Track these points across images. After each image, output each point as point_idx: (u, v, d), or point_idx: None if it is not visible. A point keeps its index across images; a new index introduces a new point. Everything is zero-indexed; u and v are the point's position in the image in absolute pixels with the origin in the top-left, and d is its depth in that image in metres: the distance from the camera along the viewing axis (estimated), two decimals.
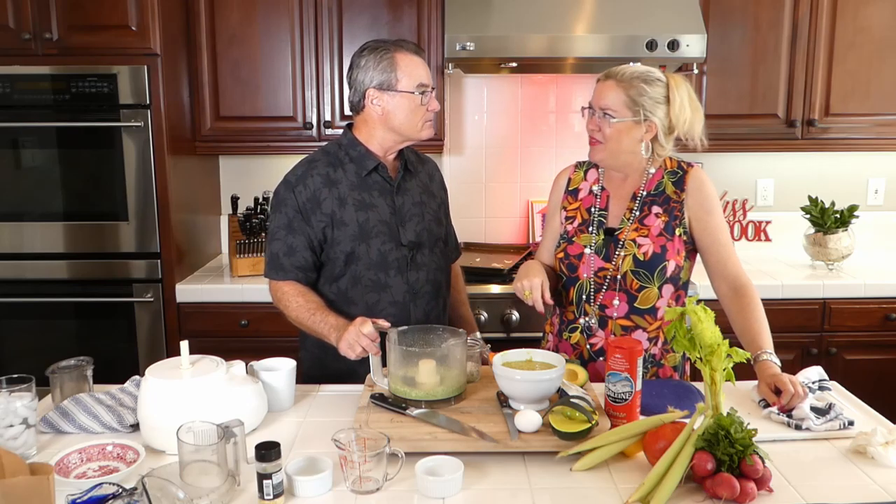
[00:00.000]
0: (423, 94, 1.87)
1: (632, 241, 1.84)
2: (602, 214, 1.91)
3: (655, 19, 2.84)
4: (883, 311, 2.90)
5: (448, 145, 3.34)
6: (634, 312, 1.85)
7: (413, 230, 1.97)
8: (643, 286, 1.84)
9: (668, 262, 1.83)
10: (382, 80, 1.86)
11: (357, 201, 1.92)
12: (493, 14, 2.86)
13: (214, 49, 2.99)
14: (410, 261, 1.96)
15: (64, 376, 1.68)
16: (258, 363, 1.73)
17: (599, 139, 1.84)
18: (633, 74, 1.80)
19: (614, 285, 1.86)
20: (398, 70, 1.86)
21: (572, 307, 1.92)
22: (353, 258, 1.92)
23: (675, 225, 1.84)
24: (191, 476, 1.26)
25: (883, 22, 3.00)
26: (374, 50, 1.87)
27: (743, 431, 1.29)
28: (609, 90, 1.81)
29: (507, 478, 1.37)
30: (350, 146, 1.95)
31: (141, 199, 2.78)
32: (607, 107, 1.80)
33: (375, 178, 1.95)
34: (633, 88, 1.79)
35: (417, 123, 1.90)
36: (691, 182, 1.86)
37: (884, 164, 3.44)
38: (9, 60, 2.70)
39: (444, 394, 1.59)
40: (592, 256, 1.87)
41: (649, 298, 1.85)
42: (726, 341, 1.36)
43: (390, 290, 1.94)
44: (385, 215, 1.94)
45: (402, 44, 1.89)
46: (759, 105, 3.06)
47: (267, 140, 3.06)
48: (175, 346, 1.89)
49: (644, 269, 1.83)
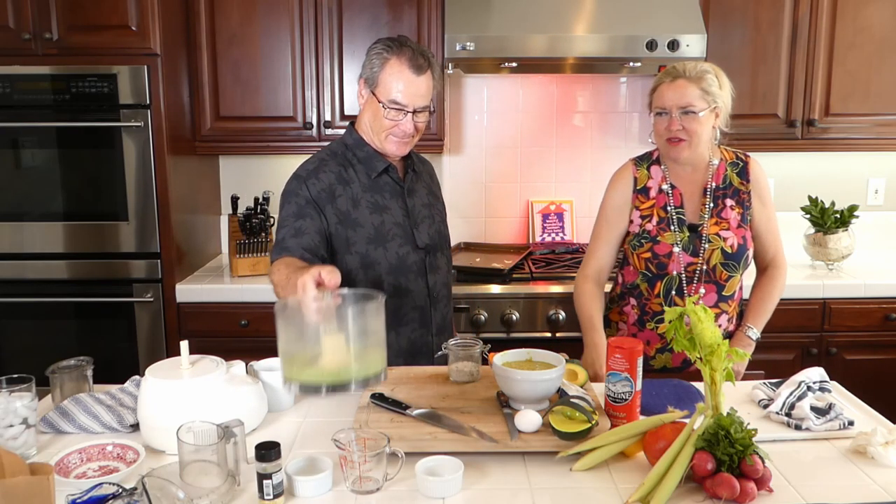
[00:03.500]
0: (390, 111, 1.79)
1: (715, 234, 1.98)
2: (679, 212, 2.01)
3: (655, 19, 2.84)
4: (883, 311, 2.89)
5: (448, 145, 3.34)
6: (722, 300, 2.01)
7: (426, 232, 1.94)
8: (731, 275, 1.99)
9: (749, 250, 2.00)
10: (368, 76, 1.83)
11: (371, 203, 1.87)
12: (493, 14, 2.86)
13: (214, 49, 2.98)
14: (428, 264, 1.93)
15: (64, 376, 1.68)
16: (258, 363, 1.73)
17: (684, 137, 1.94)
18: (696, 69, 1.94)
19: (704, 277, 2.00)
20: (382, 73, 1.80)
21: (658, 300, 2.02)
22: (371, 262, 1.86)
23: (747, 215, 2.02)
24: (191, 476, 1.26)
25: (883, 22, 3.00)
26: (385, 45, 1.83)
27: (743, 431, 1.29)
28: (685, 88, 1.92)
29: (507, 478, 1.37)
30: (356, 146, 1.90)
31: (141, 199, 2.78)
32: (689, 104, 1.92)
33: (386, 180, 1.91)
34: (703, 81, 1.93)
35: (380, 134, 1.84)
36: (754, 172, 2.04)
37: (884, 164, 3.44)
38: (9, 60, 2.70)
39: (360, 373, 1.35)
40: (681, 254, 1.98)
41: (733, 286, 2.02)
42: (726, 341, 1.36)
43: (412, 294, 1.90)
44: (399, 217, 1.90)
45: (407, 52, 1.80)
46: (759, 105, 3.06)
47: (267, 140, 3.06)
48: (175, 346, 1.89)
49: (732, 260, 1.98)
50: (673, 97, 1.93)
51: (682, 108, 1.92)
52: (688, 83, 1.93)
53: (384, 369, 1.40)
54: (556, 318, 2.82)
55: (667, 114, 1.95)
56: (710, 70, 1.96)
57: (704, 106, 1.93)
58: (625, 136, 3.38)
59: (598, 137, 3.39)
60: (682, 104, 1.92)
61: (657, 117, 1.98)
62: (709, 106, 1.93)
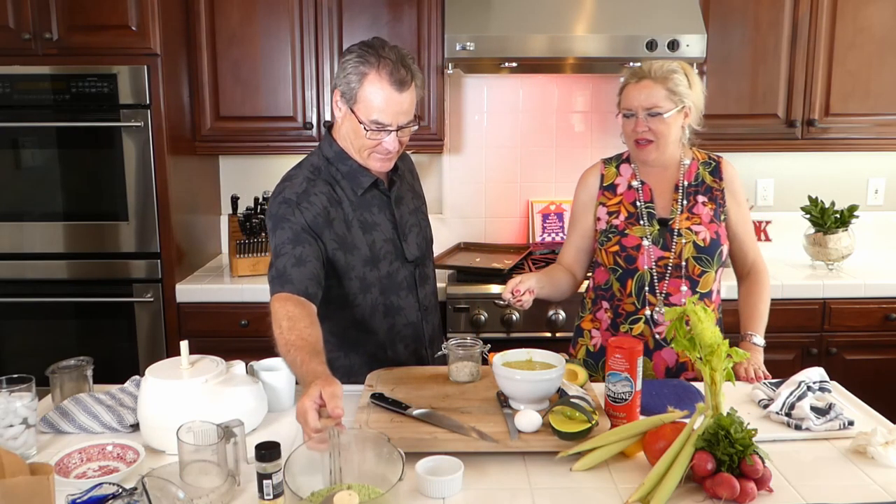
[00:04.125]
0: (371, 131, 1.67)
1: (687, 229, 1.93)
2: (650, 206, 1.97)
3: (655, 19, 2.84)
4: (883, 311, 2.89)
5: (448, 145, 3.34)
6: (701, 296, 1.94)
7: (415, 243, 1.87)
8: (704, 271, 1.93)
9: (723, 246, 1.94)
10: (345, 91, 1.68)
11: (361, 222, 1.78)
12: (493, 14, 2.86)
13: (214, 49, 2.99)
14: (418, 277, 1.88)
15: (64, 376, 1.68)
16: (258, 363, 1.73)
17: (651, 138, 1.91)
18: (662, 68, 1.89)
19: (677, 273, 1.92)
20: (361, 90, 1.65)
21: (631, 299, 1.95)
22: (368, 285, 1.79)
23: (720, 212, 1.97)
24: (191, 476, 1.26)
25: (883, 22, 3.00)
26: (361, 55, 1.66)
27: (743, 431, 1.29)
28: (650, 89, 1.88)
29: (507, 478, 1.37)
30: (338, 160, 1.78)
31: (141, 199, 2.78)
32: (655, 105, 1.87)
33: (373, 193, 1.80)
34: (669, 80, 1.88)
35: (363, 152, 1.72)
36: (727, 172, 2.01)
37: (884, 164, 3.44)
38: (9, 60, 2.70)
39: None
40: (651, 248, 1.93)
41: (708, 282, 1.95)
42: (726, 341, 1.36)
43: (404, 311, 1.85)
44: (388, 232, 1.81)
45: (386, 65, 1.63)
46: (759, 105, 3.06)
47: (267, 140, 3.06)
48: (175, 346, 1.89)
49: (705, 254, 1.92)
50: (639, 98, 1.89)
51: (647, 109, 1.88)
52: (653, 84, 1.88)
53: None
54: (556, 318, 2.82)
55: (634, 115, 1.91)
56: (678, 69, 1.91)
57: (671, 107, 1.88)
58: None
59: (598, 137, 3.39)
60: (647, 105, 1.88)
61: (624, 119, 1.94)
62: (676, 106, 1.88)
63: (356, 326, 1.84)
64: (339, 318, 1.82)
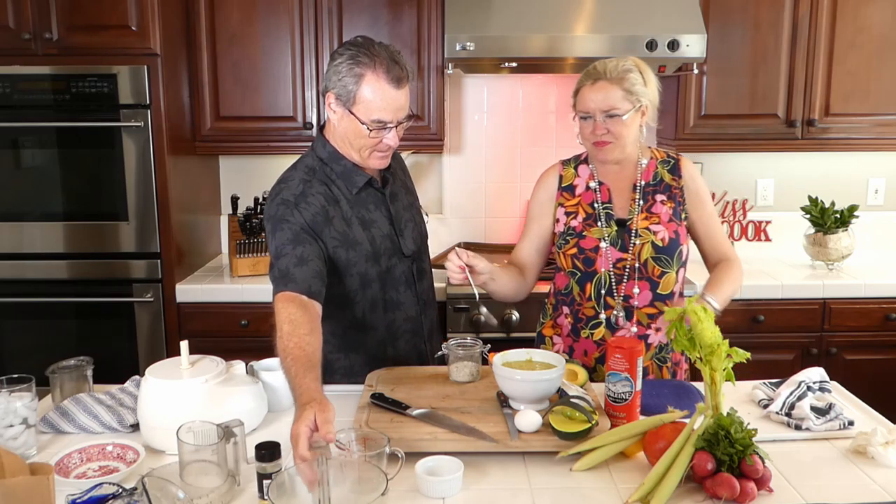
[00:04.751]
0: (374, 130, 1.69)
1: (645, 229, 1.89)
2: (608, 207, 1.93)
3: (655, 19, 2.84)
4: (883, 311, 2.90)
5: (448, 145, 3.34)
6: (658, 299, 1.90)
7: (411, 238, 1.89)
8: (664, 272, 1.88)
9: (682, 245, 1.90)
10: (341, 93, 1.68)
11: (360, 219, 1.80)
12: (493, 14, 2.86)
13: (214, 49, 2.98)
14: (416, 271, 1.90)
15: (64, 376, 1.68)
16: (258, 363, 1.73)
17: (610, 140, 1.86)
18: (617, 68, 1.84)
19: (635, 274, 1.89)
20: (359, 92, 1.66)
21: (590, 303, 1.91)
22: (368, 281, 1.81)
23: (680, 210, 1.92)
24: (191, 476, 1.26)
25: (883, 22, 3.00)
26: (354, 56, 1.66)
27: (743, 431, 1.29)
28: (606, 90, 1.83)
29: (507, 478, 1.37)
30: (332, 160, 1.79)
31: (141, 199, 2.78)
32: (612, 106, 1.83)
33: (368, 191, 1.83)
34: (625, 80, 1.83)
35: (364, 151, 1.73)
36: (686, 170, 1.96)
37: (884, 164, 3.44)
38: (9, 60, 2.70)
39: None
40: (609, 249, 1.89)
41: (669, 283, 1.90)
42: (726, 341, 1.36)
43: (403, 306, 1.87)
44: (385, 228, 1.83)
45: (382, 64, 1.65)
46: (759, 105, 3.06)
47: (267, 140, 3.06)
48: (175, 346, 1.89)
49: (664, 254, 1.88)
50: (595, 100, 1.83)
51: (605, 111, 1.83)
52: (609, 85, 1.83)
53: None
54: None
55: (591, 117, 1.86)
56: (633, 68, 1.85)
57: (629, 107, 1.83)
58: None
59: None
60: (604, 107, 1.83)
61: (581, 121, 1.89)
62: (633, 106, 1.84)
63: (356, 325, 1.84)
64: (339, 317, 1.82)
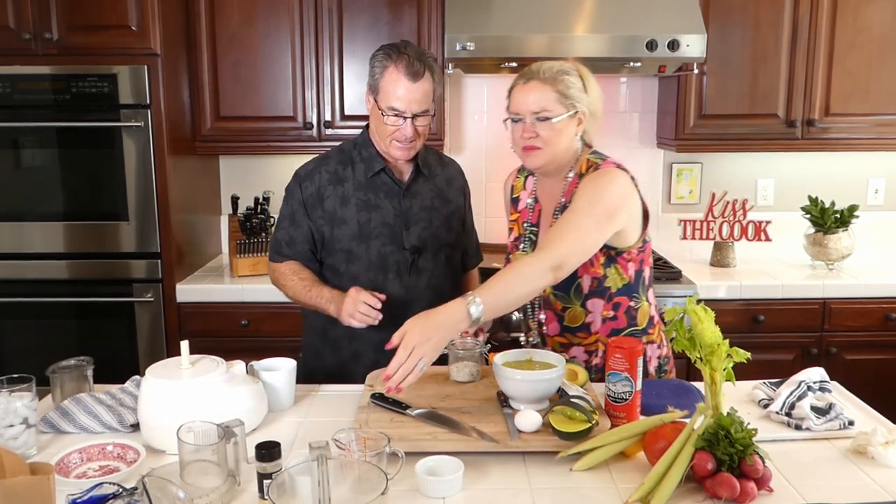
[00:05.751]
0: (390, 117, 1.85)
1: None
2: (533, 231, 1.86)
3: (655, 19, 2.84)
4: (883, 311, 2.90)
5: (448, 145, 3.34)
6: (567, 330, 1.82)
7: (417, 234, 1.96)
8: (566, 306, 1.79)
9: (580, 278, 1.75)
10: (371, 84, 1.90)
11: (361, 201, 1.95)
12: (493, 14, 2.86)
13: (214, 49, 2.98)
14: (411, 265, 1.96)
15: (64, 376, 1.68)
16: (258, 363, 1.73)
17: (539, 145, 1.72)
18: (553, 69, 1.73)
19: (545, 304, 1.83)
20: (381, 81, 1.86)
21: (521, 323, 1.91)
22: (353, 257, 1.94)
23: None
24: (191, 476, 1.26)
25: (883, 22, 3.00)
26: (385, 53, 1.87)
27: (743, 431, 1.29)
28: (538, 91, 1.71)
29: (507, 478, 1.37)
30: (363, 146, 1.98)
31: (141, 199, 2.78)
32: (542, 108, 1.71)
33: (384, 180, 1.96)
34: (560, 83, 1.72)
35: (385, 139, 1.90)
36: (586, 178, 1.74)
37: (884, 164, 3.44)
38: (9, 60, 2.70)
39: None
40: None
41: (576, 317, 1.79)
42: (726, 341, 1.36)
43: (386, 292, 1.90)
44: (389, 217, 1.95)
45: (404, 59, 1.83)
46: (759, 105, 3.06)
47: (267, 140, 3.06)
48: (175, 346, 1.89)
49: (559, 290, 1.76)
50: (526, 101, 1.71)
51: (535, 113, 1.70)
52: (542, 85, 1.70)
53: None
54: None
55: (521, 119, 1.73)
56: (572, 70, 1.74)
57: (562, 111, 1.70)
58: (625, 136, 3.38)
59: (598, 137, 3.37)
60: (535, 109, 1.70)
61: (512, 124, 1.75)
62: (567, 111, 1.71)
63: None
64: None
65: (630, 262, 1.78)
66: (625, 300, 1.80)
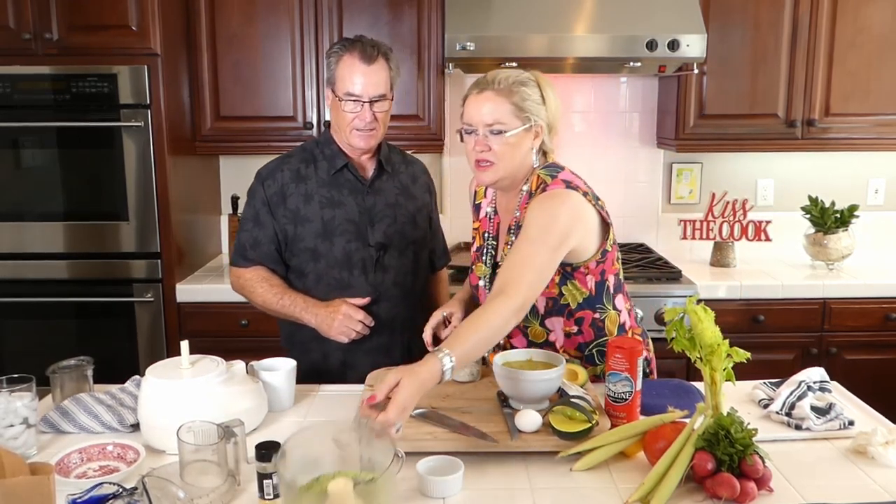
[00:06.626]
0: (346, 102, 1.85)
1: None
2: (492, 244, 1.80)
3: (655, 19, 2.84)
4: (883, 311, 2.90)
5: (448, 145, 3.34)
6: (533, 345, 1.76)
7: (382, 231, 1.96)
8: (526, 325, 1.73)
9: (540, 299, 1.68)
10: (328, 76, 1.91)
11: (325, 199, 1.94)
12: (493, 14, 2.86)
13: (214, 49, 2.98)
14: (377, 262, 1.96)
15: (64, 376, 1.68)
16: (258, 363, 1.73)
17: (491, 159, 1.63)
18: (509, 79, 1.63)
19: None
20: (336, 71, 1.87)
21: None
22: (317, 255, 1.94)
23: None
24: (191, 476, 1.26)
25: (883, 22, 3.00)
26: (338, 46, 1.89)
27: (743, 431, 1.29)
28: (490, 102, 1.62)
29: (507, 478, 1.37)
30: (326, 144, 1.98)
31: (141, 199, 2.78)
32: (496, 121, 1.61)
33: (347, 177, 1.96)
34: (516, 94, 1.62)
35: (345, 129, 1.89)
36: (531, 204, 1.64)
37: (884, 164, 3.44)
38: (9, 60, 2.70)
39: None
40: (485, 290, 1.77)
41: (538, 334, 1.75)
42: (726, 341, 1.36)
43: (353, 290, 1.94)
44: (353, 214, 1.94)
45: (357, 46, 1.86)
46: (759, 105, 3.06)
47: (267, 140, 3.06)
48: (175, 346, 1.89)
49: None
50: (479, 112, 1.61)
51: (488, 125, 1.61)
52: (496, 96, 1.61)
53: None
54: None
55: (474, 131, 1.63)
56: (529, 81, 1.65)
57: (517, 124, 1.61)
58: (625, 135, 3.38)
59: (598, 137, 3.39)
60: (488, 121, 1.60)
61: (466, 135, 1.66)
62: (523, 124, 1.62)
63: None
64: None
65: (588, 275, 1.70)
66: (588, 314, 1.73)
